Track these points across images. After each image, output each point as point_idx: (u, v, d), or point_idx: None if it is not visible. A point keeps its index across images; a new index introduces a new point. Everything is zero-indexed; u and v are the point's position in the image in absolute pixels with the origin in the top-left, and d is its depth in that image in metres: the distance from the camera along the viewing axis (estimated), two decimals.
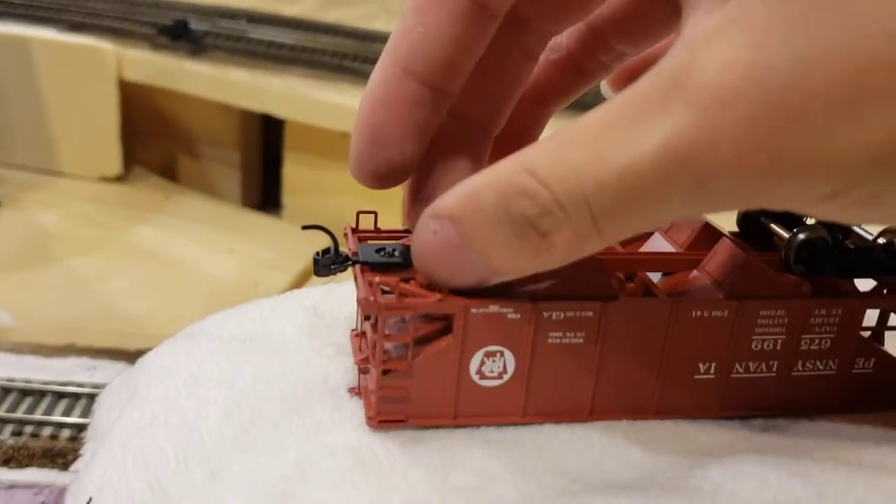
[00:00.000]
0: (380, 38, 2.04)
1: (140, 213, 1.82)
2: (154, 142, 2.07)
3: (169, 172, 2.06)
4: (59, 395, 1.38)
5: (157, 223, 1.79)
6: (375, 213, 0.63)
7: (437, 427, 0.55)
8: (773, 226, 0.62)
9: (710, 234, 0.61)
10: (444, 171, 0.57)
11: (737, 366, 0.58)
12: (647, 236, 0.66)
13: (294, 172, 1.87)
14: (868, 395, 0.61)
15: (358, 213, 0.63)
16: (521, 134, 0.63)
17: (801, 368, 0.59)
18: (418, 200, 0.58)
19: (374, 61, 1.63)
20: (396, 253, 0.57)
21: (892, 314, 0.63)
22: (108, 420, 0.63)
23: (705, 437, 0.56)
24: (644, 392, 0.58)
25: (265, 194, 2.05)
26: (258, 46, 1.85)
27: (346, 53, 1.81)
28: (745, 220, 0.65)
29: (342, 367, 0.61)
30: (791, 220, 0.61)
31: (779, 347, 0.58)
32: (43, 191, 1.90)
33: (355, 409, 0.56)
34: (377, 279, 0.54)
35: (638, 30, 0.58)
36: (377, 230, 0.62)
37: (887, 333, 0.64)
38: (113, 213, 1.82)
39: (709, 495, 0.46)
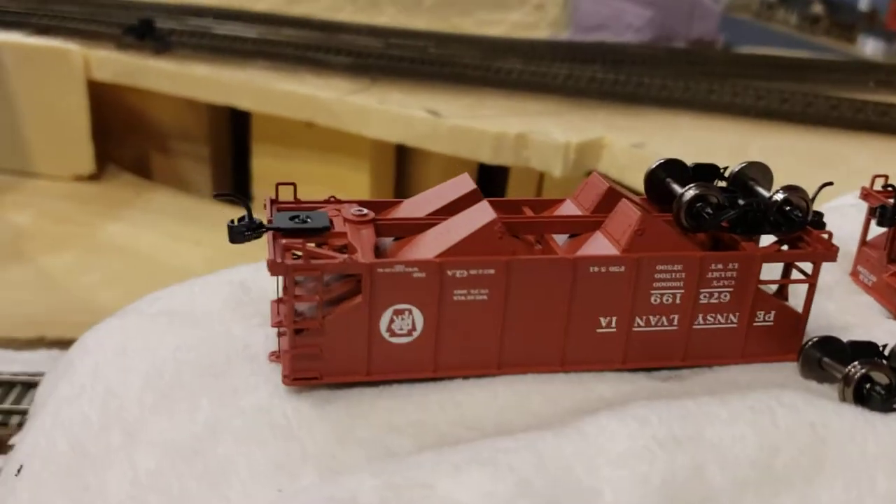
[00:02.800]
0: (343, 29, 2.07)
1: (111, 210, 1.84)
2: (127, 140, 2.09)
3: (142, 169, 2.09)
4: (28, 385, 1.41)
5: (128, 219, 1.82)
6: (294, 185, 0.65)
7: (351, 386, 0.58)
8: (671, 184, 0.64)
9: (612, 198, 0.64)
10: None
11: (638, 320, 0.61)
12: (559, 203, 0.68)
13: (262, 164, 1.89)
14: (769, 347, 0.64)
15: (277, 185, 0.65)
16: None
17: (702, 322, 0.62)
18: None
19: (337, 51, 1.65)
20: (310, 219, 0.60)
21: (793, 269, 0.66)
22: (44, 395, 0.66)
23: (606, 388, 0.59)
24: (549, 346, 0.60)
25: (236, 187, 2.08)
26: (222, 42, 1.87)
27: (308, 45, 1.83)
28: (650, 181, 0.67)
29: (263, 336, 0.63)
30: (688, 179, 0.63)
31: (678, 301, 0.61)
32: (17, 192, 1.92)
33: (272, 374, 0.59)
34: (294, 245, 0.56)
35: None
36: (297, 201, 0.65)
37: (792, 288, 0.67)
38: (85, 210, 1.85)
39: (589, 436, 0.49)
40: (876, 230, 0.80)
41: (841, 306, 0.75)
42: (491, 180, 1.88)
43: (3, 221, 1.81)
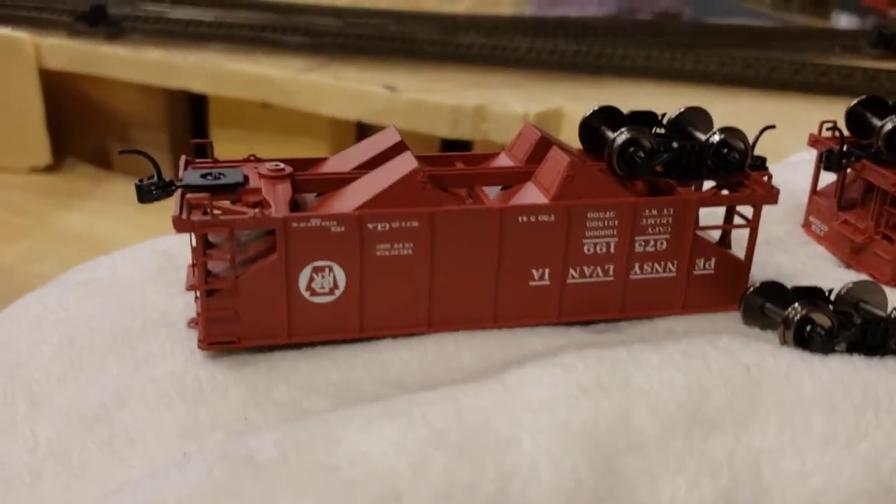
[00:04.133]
0: (301, 10, 2.03)
1: (68, 200, 1.81)
2: (85, 130, 2.05)
3: (101, 160, 2.05)
4: None
5: (85, 209, 1.79)
6: (210, 143, 0.63)
7: (272, 349, 0.55)
8: (606, 132, 0.62)
9: (545, 147, 0.61)
10: None
11: (571, 271, 0.58)
12: (494, 156, 0.66)
13: (221, 149, 1.85)
14: (711, 296, 0.62)
15: (192, 143, 0.63)
16: None
17: (638, 272, 0.59)
18: None
19: (293, 31, 1.60)
20: (223, 176, 0.57)
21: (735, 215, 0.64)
22: None
23: (539, 342, 0.57)
24: (480, 302, 0.58)
25: None
26: (177, 26, 1.84)
27: (263, 26, 1.80)
28: (585, 130, 0.65)
29: (184, 303, 0.60)
30: (621, 124, 0.60)
31: (612, 251, 0.58)
32: None
33: (189, 340, 0.56)
34: (203, 201, 0.53)
35: None
36: (214, 160, 0.62)
37: (738, 239, 0.64)
38: (42, 201, 1.82)
39: (511, 385, 0.46)
40: (827, 180, 0.78)
41: (792, 257, 0.73)
42: None
43: None
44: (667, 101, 1.61)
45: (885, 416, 0.47)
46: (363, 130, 1.79)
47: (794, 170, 0.95)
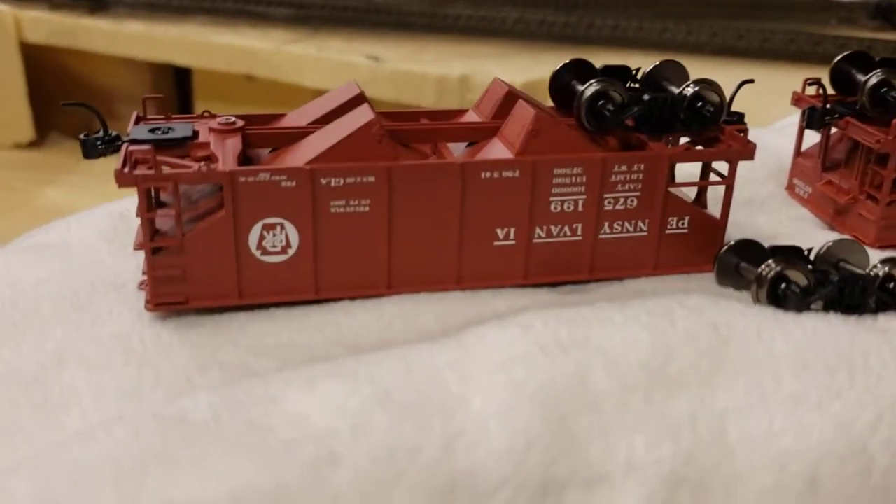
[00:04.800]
0: None
1: (50, 176, 1.79)
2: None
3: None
4: None
5: (67, 184, 1.76)
6: (163, 97, 0.60)
7: (224, 311, 0.53)
8: (577, 86, 0.59)
9: (513, 102, 0.58)
10: None
11: (538, 230, 0.56)
12: (460, 113, 0.63)
13: None
14: (685, 256, 0.59)
15: (144, 100, 0.60)
16: None
17: (608, 231, 0.57)
18: None
19: (278, 3, 1.55)
20: (171, 131, 0.55)
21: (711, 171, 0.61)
22: None
23: (503, 303, 0.54)
24: (443, 262, 0.55)
25: None
26: None
27: None
28: (556, 85, 0.62)
29: (135, 265, 0.58)
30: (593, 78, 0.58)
31: (581, 209, 0.56)
32: None
33: (137, 302, 0.54)
34: (147, 156, 0.50)
35: None
36: (167, 116, 0.59)
37: (715, 199, 0.62)
38: (23, 177, 1.79)
39: (468, 345, 0.44)
40: (812, 142, 0.76)
41: (773, 218, 0.71)
42: None
43: None
44: None
45: (859, 376, 0.44)
46: None
47: (780, 133, 0.93)
